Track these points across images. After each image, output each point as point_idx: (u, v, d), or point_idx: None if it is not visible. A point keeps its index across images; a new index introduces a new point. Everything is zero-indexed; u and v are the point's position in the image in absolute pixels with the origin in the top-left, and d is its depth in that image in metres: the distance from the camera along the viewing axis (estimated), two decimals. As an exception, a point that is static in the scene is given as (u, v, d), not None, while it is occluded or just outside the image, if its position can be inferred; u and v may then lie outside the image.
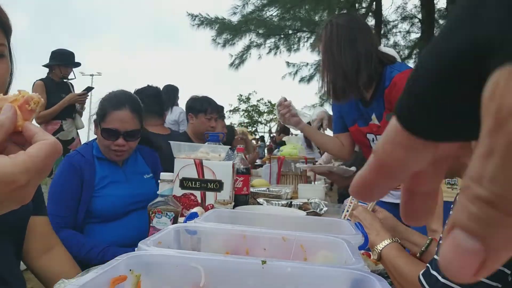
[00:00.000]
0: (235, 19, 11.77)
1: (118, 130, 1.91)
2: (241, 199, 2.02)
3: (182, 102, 5.28)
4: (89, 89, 4.40)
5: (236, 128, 5.85)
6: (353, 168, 2.29)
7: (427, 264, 1.04)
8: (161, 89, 4.93)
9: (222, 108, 3.60)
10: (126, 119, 1.93)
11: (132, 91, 2.87)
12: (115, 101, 1.97)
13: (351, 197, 2.09)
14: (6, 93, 1.01)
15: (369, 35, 1.84)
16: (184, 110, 4.95)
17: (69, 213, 1.83)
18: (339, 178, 2.31)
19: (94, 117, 2.01)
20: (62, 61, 4.11)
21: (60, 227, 1.74)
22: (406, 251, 1.30)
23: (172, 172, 1.77)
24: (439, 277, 0.97)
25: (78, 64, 4.23)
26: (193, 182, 1.82)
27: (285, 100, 2.15)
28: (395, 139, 0.24)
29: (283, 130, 7.68)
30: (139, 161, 2.12)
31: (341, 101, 1.86)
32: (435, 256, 1.02)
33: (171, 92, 5.00)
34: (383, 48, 1.96)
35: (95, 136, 2.04)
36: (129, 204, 1.94)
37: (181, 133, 3.31)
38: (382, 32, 12.73)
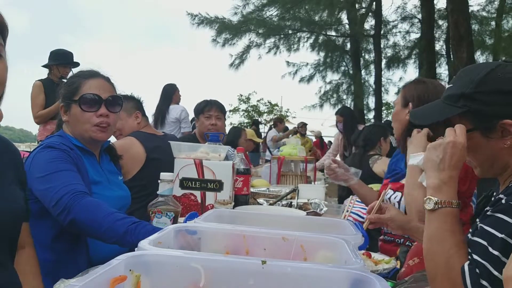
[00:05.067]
0: (235, 19, 11.77)
1: (99, 96, 1.63)
2: (241, 199, 2.02)
3: (183, 102, 5.30)
4: None
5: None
6: (352, 170, 2.35)
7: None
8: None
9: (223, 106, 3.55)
10: (104, 86, 1.68)
11: (132, 92, 2.85)
12: (87, 72, 1.71)
13: (351, 197, 2.10)
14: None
15: None
16: (185, 109, 5.00)
17: (80, 180, 1.49)
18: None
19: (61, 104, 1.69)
20: (60, 60, 4.11)
21: (83, 190, 1.43)
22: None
23: (172, 172, 1.77)
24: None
25: (76, 64, 4.22)
26: (193, 182, 1.82)
27: (332, 163, 2.26)
28: None
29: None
30: (108, 159, 1.84)
31: None
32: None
33: (169, 90, 5.03)
34: None
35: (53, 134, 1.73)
36: (117, 209, 1.60)
37: (190, 135, 3.35)
38: (382, 32, 12.73)
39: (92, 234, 1.44)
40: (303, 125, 9.51)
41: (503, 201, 0.98)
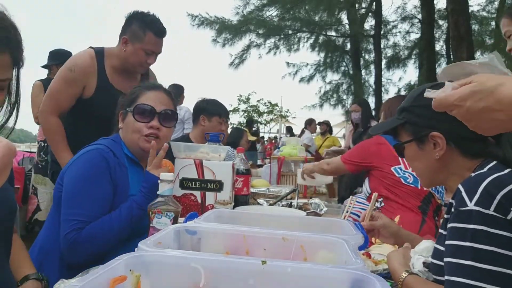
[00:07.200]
0: (235, 19, 11.79)
1: (153, 108, 1.63)
2: (241, 199, 2.01)
3: (185, 102, 5.30)
4: None
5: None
6: None
7: None
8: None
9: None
10: (162, 99, 1.68)
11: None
12: (149, 84, 1.76)
13: (351, 197, 2.10)
14: (5, 123, 1.03)
15: None
16: (190, 109, 4.97)
17: (96, 210, 1.47)
18: None
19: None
20: (59, 60, 4.10)
21: (81, 226, 1.42)
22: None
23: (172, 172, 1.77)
24: None
25: None
26: (193, 182, 1.81)
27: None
28: None
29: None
30: None
31: None
32: (447, 277, 0.95)
33: (175, 92, 5.02)
34: None
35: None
36: None
37: (183, 137, 3.30)
38: (382, 32, 12.73)
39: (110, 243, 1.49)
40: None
41: (453, 208, 0.98)
